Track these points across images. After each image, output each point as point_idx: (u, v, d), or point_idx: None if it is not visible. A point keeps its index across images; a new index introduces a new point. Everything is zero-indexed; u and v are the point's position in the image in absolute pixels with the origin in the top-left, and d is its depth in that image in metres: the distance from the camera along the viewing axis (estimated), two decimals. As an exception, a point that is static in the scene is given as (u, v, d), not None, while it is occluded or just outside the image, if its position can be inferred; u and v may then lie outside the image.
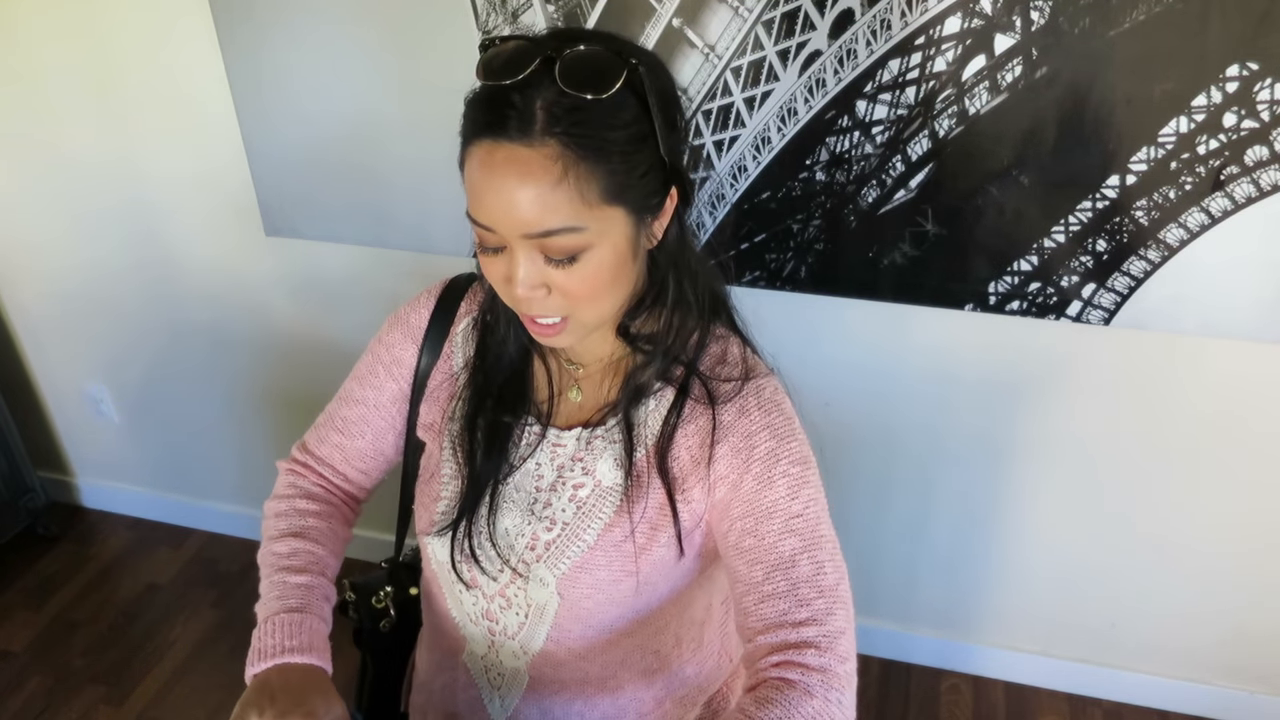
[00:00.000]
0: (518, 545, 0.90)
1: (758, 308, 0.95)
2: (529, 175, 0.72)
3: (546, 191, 0.72)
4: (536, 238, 0.74)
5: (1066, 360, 1.64)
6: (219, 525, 2.42)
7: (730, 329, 0.92)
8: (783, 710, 0.74)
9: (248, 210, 1.88)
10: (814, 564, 0.80)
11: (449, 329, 0.97)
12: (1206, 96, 1.34)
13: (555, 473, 0.89)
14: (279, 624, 0.86)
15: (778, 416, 0.84)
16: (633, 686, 0.96)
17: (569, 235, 0.74)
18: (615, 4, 1.47)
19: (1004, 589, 1.93)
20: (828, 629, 0.78)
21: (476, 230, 0.77)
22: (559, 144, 0.71)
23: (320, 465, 1.03)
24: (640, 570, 0.87)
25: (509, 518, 0.90)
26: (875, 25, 1.40)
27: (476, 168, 0.74)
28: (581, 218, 0.73)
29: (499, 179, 0.72)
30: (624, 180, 0.75)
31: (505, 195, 0.72)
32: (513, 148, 0.72)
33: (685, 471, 0.85)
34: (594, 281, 0.77)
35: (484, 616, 0.94)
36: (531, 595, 0.90)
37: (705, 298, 0.88)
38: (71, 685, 2.03)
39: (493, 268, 0.79)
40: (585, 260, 0.76)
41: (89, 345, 2.24)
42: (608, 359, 0.91)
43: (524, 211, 0.72)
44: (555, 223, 0.73)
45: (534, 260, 0.75)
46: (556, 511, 0.88)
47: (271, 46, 1.67)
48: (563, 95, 0.71)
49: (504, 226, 0.74)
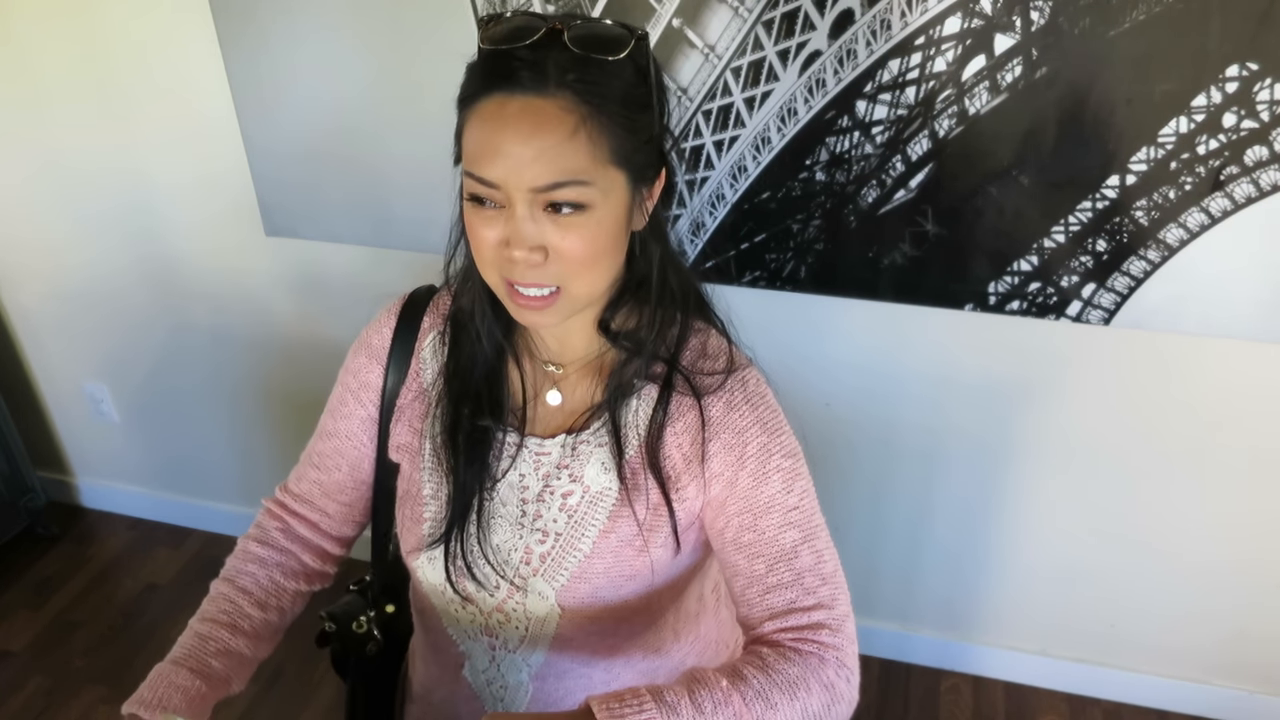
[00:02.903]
0: (512, 559, 0.88)
1: (758, 308, 0.95)
2: (543, 126, 0.71)
3: (562, 142, 0.71)
4: (544, 191, 0.72)
5: (1066, 360, 1.64)
6: (219, 525, 2.42)
7: (706, 322, 0.91)
8: (800, 670, 0.76)
9: (248, 210, 1.88)
10: (814, 553, 0.82)
11: (414, 344, 0.94)
12: (1206, 96, 1.34)
13: (541, 482, 0.88)
14: (152, 674, 0.89)
15: (765, 410, 0.84)
16: (635, 683, 0.95)
17: (576, 189, 0.73)
18: (615, 4, 1.47)
19: (1004, 589, 1.93)
20: (836, 613, 0.80)
21: (475, 189, 0.75)
22: (573, 96, 0.72)
23: (299, 504, 1.01)
24: (639, 573, 0.87)
25: (499, 533, 0.89)
26: (875, 25, 1.40)
27: (486, 121, 0.73)
28: (590, 173, 0.73)
29: (512, 129, 0.72)
30: (629, 144, 0.75)
31: (518, 146, 0.72)
32: (526, 98, 0.72)
33: (678, 470, 0.85)
34: (592, 245, 0.76)
35: (483, 632, 0.93)
36: (531, 609, 0.89)
37: (686, 289, 0.88)
38: (71, 685, 2.03)
39: (487, 231, 0.76)
40: (587, 219, 0.74)
41: (89, 345, 2.24)
42: (587, 358, 0.89)
43: (536, 163, 0.72)
44: (566, 174, 0.72)
45: (536, 219, 0.74)
46: (548, 522, 0.87)
47: (272, 46, 1.67)
48: (574, 55, 0.72)
49: (512, 180, 0.72)
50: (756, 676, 0.75)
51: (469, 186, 0.76)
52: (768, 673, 0.76)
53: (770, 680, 0.75)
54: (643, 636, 0.93)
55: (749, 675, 0.75)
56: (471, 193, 0.76)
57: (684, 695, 0.73)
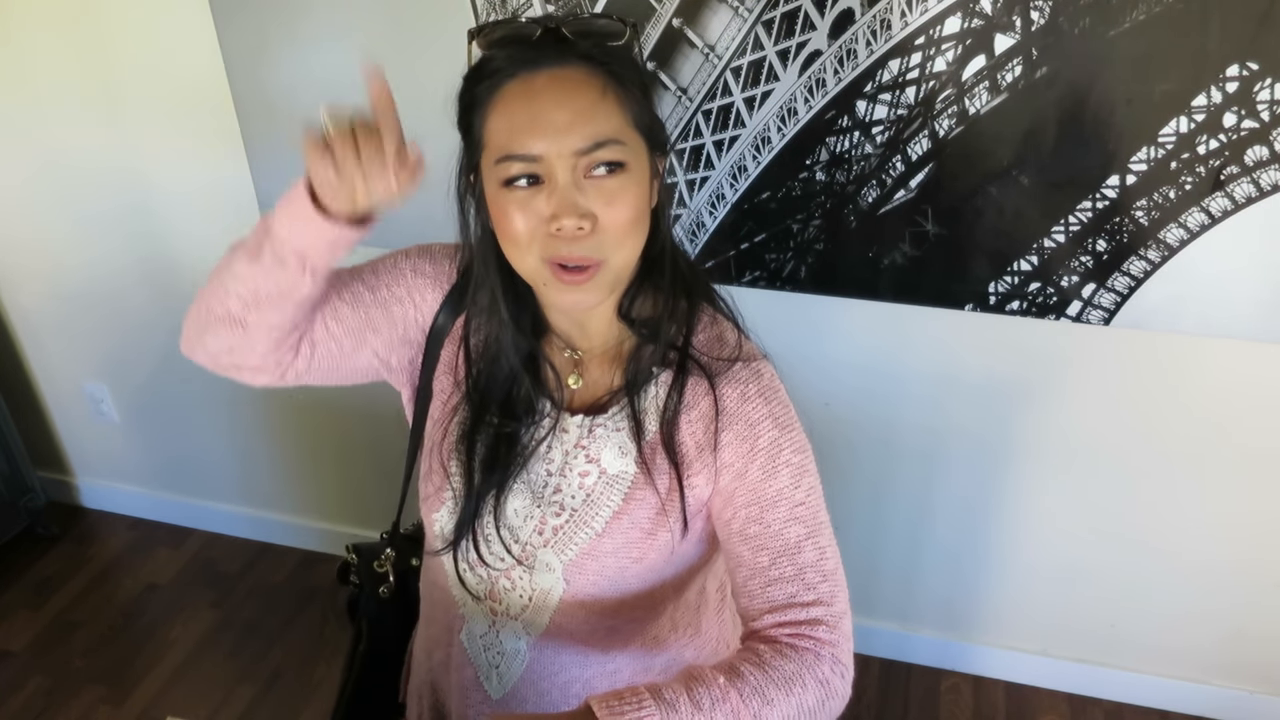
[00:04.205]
0: (525, 529, 0.90)
1: (758, 308, 0.95)
2: (575, 90, 0.75)
3: (596, 102, 0.75)
4: (587, 153, 0.75)
5: (1066, 360, 1.64)
6: (219, 525, 2.42)
7: (717, 311, 0.92)
8: (796, 666, 0.77)
9: (248, 210, 1.88)
10: (817, 549, 0.83)
11: (452, 327, 0.94)
12: (1206, 96, 1.34)
13: (563, 457, 0.90)
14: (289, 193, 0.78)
15: (778, 405, 0.86)
16: (630, 670, 0.96)
17: (615, 148, 0.76)
18: (615, 4, 1.47)
19: (1004, 589, 1.93)
20: (834, 610, 0.81)
21: (513, 170, 0.76)
22: (592, 64, 0.75)
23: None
24: (646, 557, 0.88)
25: (517, 499, 0.90)
26: (875, 25, 1.40)
27: (515, 100, 0.75)
28: (623, 133, 0.76)
29: (545, 98, 0.74)
30: (646, 111, 0.79)
31: (555, 113, 0.74)
32: (551, 70, 0.75)
33: (690, 457, 0.86)
34: (632, 209, 0.78)
35: (488, 596, 0.94)
36: (537, 580, 0.90)
37: (693, 270, 0.90)
38: (71, 685, 2.03)
39: (524, 214, 0.76)
40: (626, 182, 0.77)
41: (89, 345, 2.24)
42: (606, 345, 0.90)
43: (574, 126, 0.74)
44: (604, 133, 0.75)
45: (580, 187, 0.76)
46: (566, 498, 0.89)
47: (272, 47, 1.67)
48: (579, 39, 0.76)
49: (553, 148, 0.74)
50: (753, 673, 0.76)
51: (504, 171, 0.77)
52: (764, 669, 0.77)
53: (767, 677, 0.76)
54: (641, 623, 0.94)
55: (746, 672, 0.76)
56: (507, 177, 0.77)
57: (682, 692, 0.73)
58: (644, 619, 0.94)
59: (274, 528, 2.37)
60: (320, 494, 2.29)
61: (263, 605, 2.21)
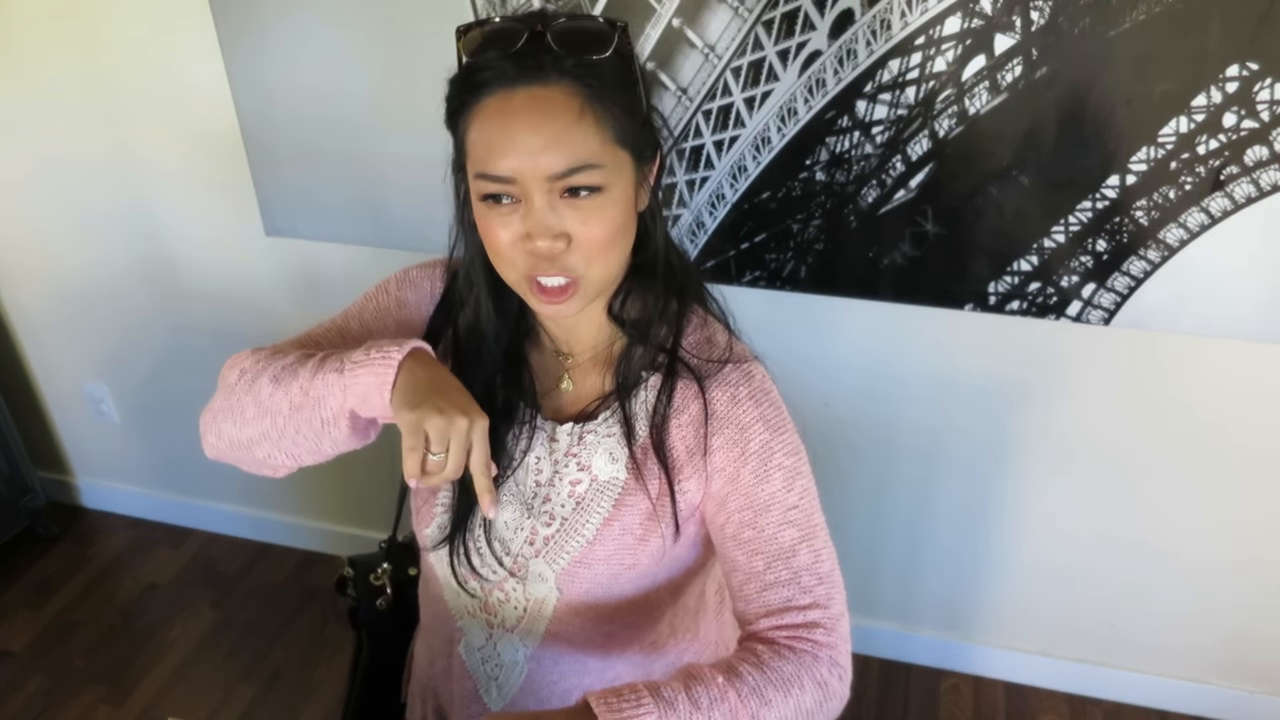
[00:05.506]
0: (516, 540, 0.89)
1: (758, 308, 0.95)
2: (551, 113, 0.73)
3: (571, 126, 0.73)
4: (561, 178, 0.74)
5: (1066, 360, 1.64)
6: (219, 525, 2.42)
7: (708, 313, 0.92)
8: (795, 667, 0.77)
9: (247, 210, 1.88)
10: (812, 552, 0.82)
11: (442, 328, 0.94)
12: (1206, 96, 1.34)
13: (552, 466, 0.89)
14: (366, 350, 0.78)
15: (769, 408, 0.85)
16: (629, 676, 0.96)
17: (591, 172, 0.74)
18: (615, 4, 1.47)
19: (1004, 589, 1.93)
20: (831, 612, 0.81)
21: (489, 188, 0.75)
22: (572, 81, 0.73)
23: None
24: (639, 562, 0.87)
25: (507, 511, 0.90)
26: (875, 25, 1.40)
27: (491, 118, 0.74)
28: (601, 156, 0.75)
29: (521, 120, 0.73)
30: (629, 125, 0.76)
31: (529, 136, 0.73)
32: (530, 89, 0.73)
33: (681, 461, 0.86)
34: (610, 227, 0.77)
35: (482, 609, 0.94)
36: (530, 590, 0.90)
37: (687, 269, 0.89)
38: (71, 685, 2.03)
39: (504, 230, 0.77)
40: (603, 202, 0.76)
41: (89, 345, 2.24)
42: (596, 347, 0.90)
43: (549, 150, 0.73)
44: (579, 159, 0.73)
45: (555, 208, 0.75)
46: (555, 507, 0.88)
47: (272, 46, 1.67)
48: (562, 52, 0.73)
49: (527, 170, 0.73)
50: (752, 673, 0.76)
51: (481, 187, 0.76)
52: (763, 670, 0.76)
53: (765, 677, 0.76)
54: (639, 629, 0.94)
55: (744, 672, 0.76)
56: (485, 193, 0.76)
57: (681, 691, 0.73)
58: (641, 624, 0.94)
59: (274, 528, 2.37)
60: (320, 494, 2.29)
61: (263, 605, 2.22)
